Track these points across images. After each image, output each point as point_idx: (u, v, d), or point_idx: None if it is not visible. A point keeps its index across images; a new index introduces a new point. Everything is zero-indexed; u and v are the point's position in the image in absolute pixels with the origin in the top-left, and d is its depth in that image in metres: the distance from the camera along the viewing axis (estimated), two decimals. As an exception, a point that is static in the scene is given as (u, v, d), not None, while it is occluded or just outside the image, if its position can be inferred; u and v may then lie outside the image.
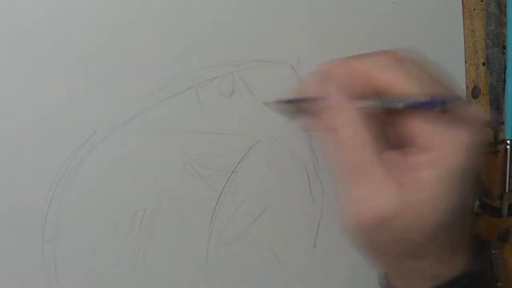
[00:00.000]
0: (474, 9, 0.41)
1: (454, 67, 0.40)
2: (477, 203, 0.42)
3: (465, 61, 0.41)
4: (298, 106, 0.31)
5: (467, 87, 0.41)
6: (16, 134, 0.30)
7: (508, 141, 0.42)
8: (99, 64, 0.31)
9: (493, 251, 0.33)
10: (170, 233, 0.34)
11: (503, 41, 0.41)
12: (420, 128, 0.27)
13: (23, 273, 0.31)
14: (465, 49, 0.40)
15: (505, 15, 0.41)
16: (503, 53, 0.41)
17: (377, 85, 0.28)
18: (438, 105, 0.26)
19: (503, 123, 0.42)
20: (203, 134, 0.34)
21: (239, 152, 0.35)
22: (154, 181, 0.33)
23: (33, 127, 0.31)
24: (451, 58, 0.40)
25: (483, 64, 0.41)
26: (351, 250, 0.29)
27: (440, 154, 0.26)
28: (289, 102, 0.32)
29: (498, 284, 0.33)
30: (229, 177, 0.35)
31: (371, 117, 0.27)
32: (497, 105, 0.41)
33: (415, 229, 0.27)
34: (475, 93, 0.41)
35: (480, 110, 0.29)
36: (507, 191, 0.42)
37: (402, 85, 0.27)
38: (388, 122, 0.29)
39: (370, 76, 0.28)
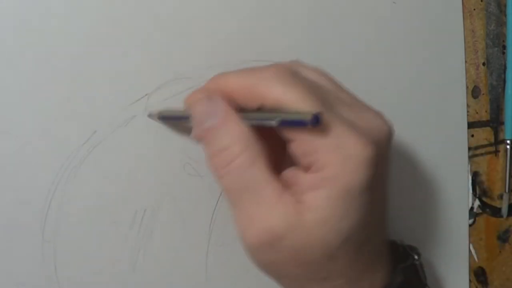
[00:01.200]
0: (474, 9, 0.41)
1: (454, 67, 0.40)
2: (477, 203, 0.42)
3: (465, 61, 0.41)
4: (180, 122, 0.31)
5: (467, 87, 0.41)
6: (16, 134, 0.30)
7: (508, 141, 0.42)
8: (99, 64, 0.31)
9: (416, 257, 0.32)
10: (170, 233, 0.34)
11: (503, 41, 0.41)
12: (310, 146, 0.26)
13: (23, 273, 0.31)
14: (465, 49, 0.40)
15: (505, 15, 0.41)
16: (503, 53, 0.41)
17: (266, 100, 0.26)
18: (309, 124, 0.25)
19: (503, 123, 0.42)
20: (203, 134, 0.34)
21: (239, 152, 0.35)
22: (154, 181, 0.33)
23: (33, 127, 0.31)
24: (451, 58, 0.40)
25: (483, 64, 0.41)
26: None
27: (330, 172, 0.25)
28: (170, 118, 0.32)
29: None
30: (229, 177, 0.35)
31: (258, 134, 0.26)
32: (497, 105, 0.42)
33: (309, 249, 0.26)
34: (475, 93, 0.41)
35: (383, 120, 0.28)
36: (507, 191, 0.42)
37: (289, 99, 0.26)
38: (290, 140, 0.27)
39: (257, 90, 0.27)
